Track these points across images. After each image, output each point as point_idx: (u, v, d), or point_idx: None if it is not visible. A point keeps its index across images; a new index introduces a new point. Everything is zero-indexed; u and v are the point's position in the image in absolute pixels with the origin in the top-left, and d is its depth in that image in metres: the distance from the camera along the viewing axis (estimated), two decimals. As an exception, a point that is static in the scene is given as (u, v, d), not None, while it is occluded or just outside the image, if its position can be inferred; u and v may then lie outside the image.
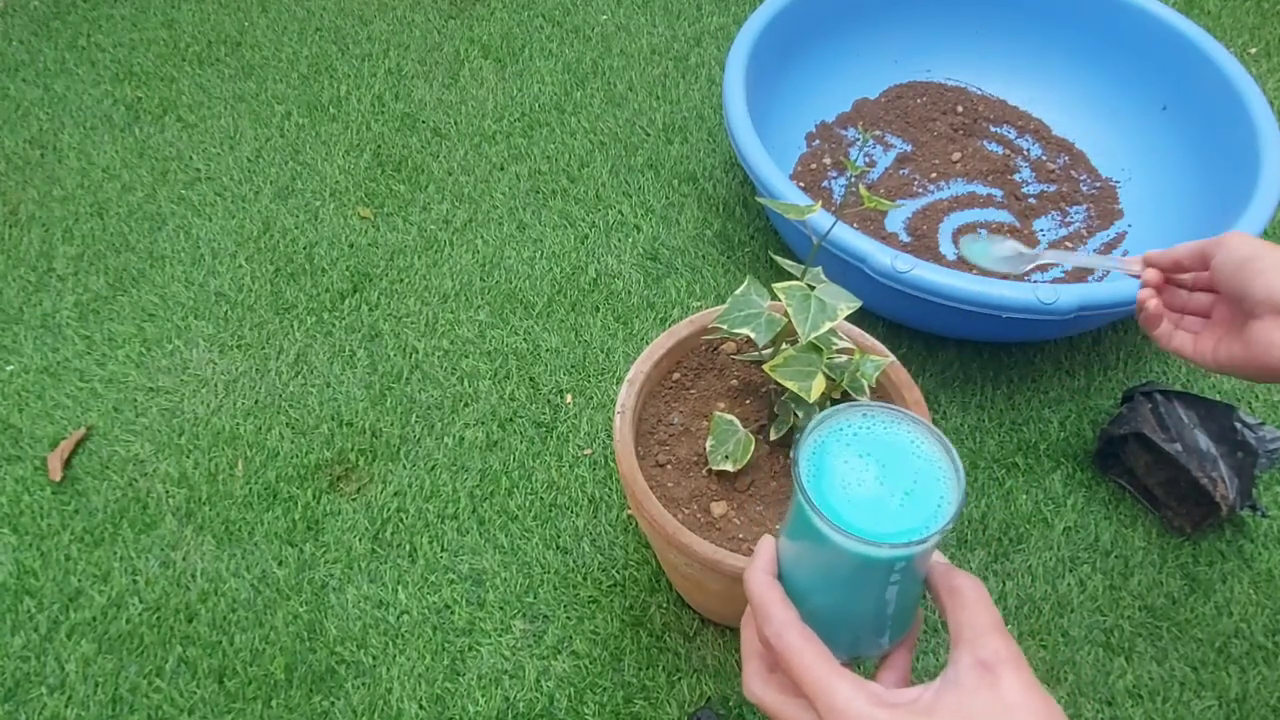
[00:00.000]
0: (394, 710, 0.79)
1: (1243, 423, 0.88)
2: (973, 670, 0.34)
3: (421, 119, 1.27)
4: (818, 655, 0.35)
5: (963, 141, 1.21)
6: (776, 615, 0.37)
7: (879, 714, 0.33)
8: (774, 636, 0.36)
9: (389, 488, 0.92)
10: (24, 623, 0.84)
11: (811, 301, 0.60)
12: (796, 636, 0.36)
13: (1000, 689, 0.34)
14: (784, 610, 0.37)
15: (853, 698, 0.34)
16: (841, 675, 0.34)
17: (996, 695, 0.33)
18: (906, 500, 0.36)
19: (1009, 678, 0.34)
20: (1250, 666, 0.82)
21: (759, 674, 0.39)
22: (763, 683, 0.38)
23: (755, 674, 0.39)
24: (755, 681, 0.38)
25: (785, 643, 0.36)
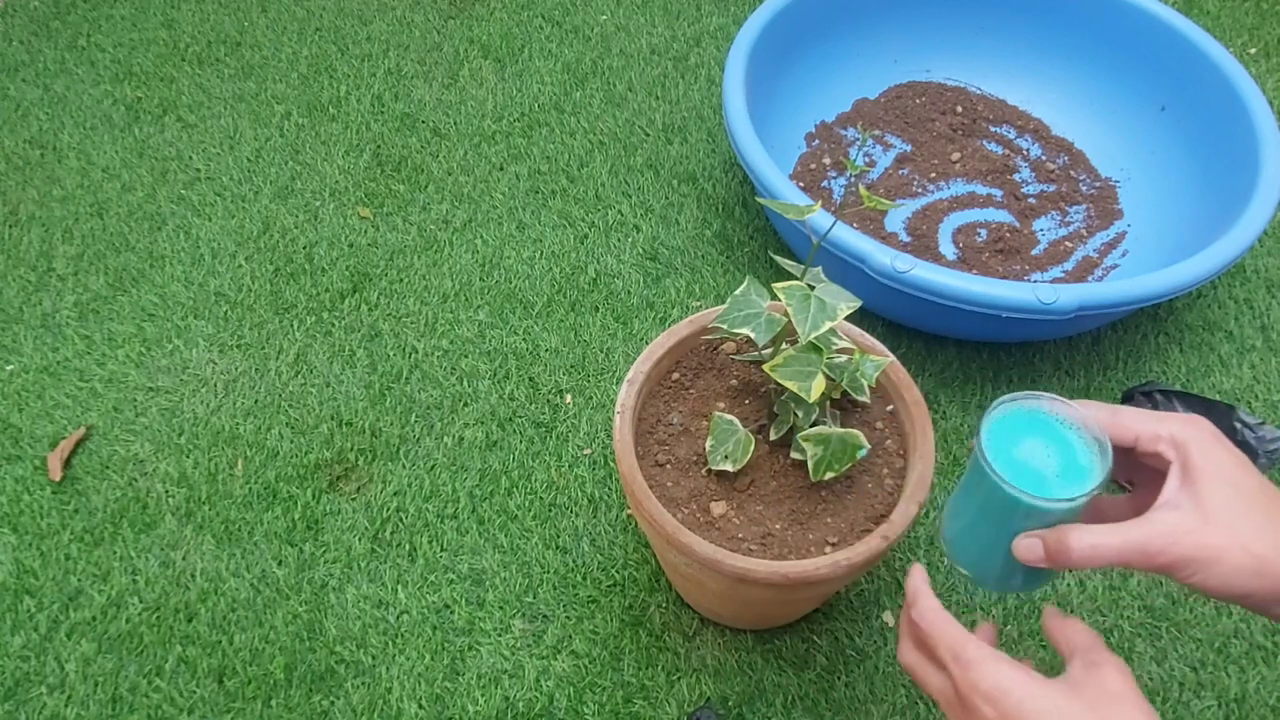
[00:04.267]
0: (394, 710, 0.79)
1: (1243, 422, 0.88)
2: (1081, 669, 0.44)
3: (421, 119, 1.27)
4: (951, 624, 0.46)
5: (962, 141, 1.22)
6: (923, 600, 0.48)
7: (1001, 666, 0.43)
8: (919, 616, 0.48)
9: (388, 487, 0.92)
10: (24, 622, 0.84)
11: (811, 301, 0.60)
12: (938, 615, 0.47)
13: (1105, 682, 0.43)
14: (929, 598, 0.48)
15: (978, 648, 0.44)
16: (968, 636, 0.45)
17: (1102, 687, 0.43)
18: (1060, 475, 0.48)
19: (1112, 675, 0.44)
20: (1250, 666, 0.82)
21: (909, 647, 0.49)
22: (911, 651, 0.49)
23: (906, 647, 0.49)
24: (906, 652, 0.49)
25: (929, 619, 0.47)
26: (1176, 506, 0.45)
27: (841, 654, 0.82)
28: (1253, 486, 0.45)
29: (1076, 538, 0.45)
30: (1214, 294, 1.08)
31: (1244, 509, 0.44)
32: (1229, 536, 0.43)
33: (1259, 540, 0.43)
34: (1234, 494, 0.45)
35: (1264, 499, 0.45)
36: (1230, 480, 0.45)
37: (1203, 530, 0.44)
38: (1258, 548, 0.43)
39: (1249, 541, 0.43)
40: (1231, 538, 0.43)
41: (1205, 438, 0.47)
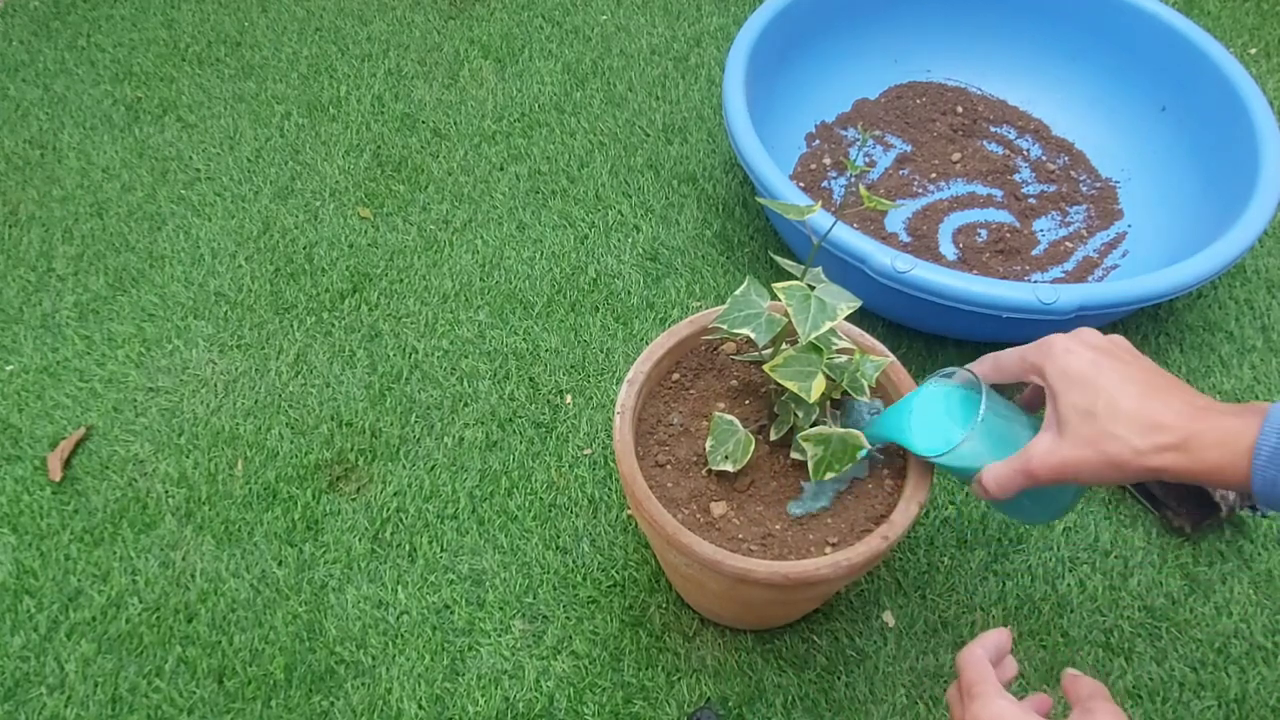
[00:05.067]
0: (393, 710, 0.79)
1: (1242, 423, 0.88)
2: (1078, 714, 0.48)
3: (421, 119, 1.27)
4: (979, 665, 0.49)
5: (963, 142, 1.22)
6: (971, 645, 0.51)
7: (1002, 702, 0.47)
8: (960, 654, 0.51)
9: (388, 488, 0.92)
10: (23, 622, 0.84)
11: (811, 301, 0.60)
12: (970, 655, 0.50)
13: None
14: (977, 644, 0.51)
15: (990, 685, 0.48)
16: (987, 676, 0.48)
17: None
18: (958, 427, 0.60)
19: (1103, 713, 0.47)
20: (1250, 667, 0.82)
21: (954, 685, 0.52)
22: (953, 689, 0.52)
23: (952, 685, 0.52)
24: (951, 689, 0.52)
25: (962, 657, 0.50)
26: (1046, 429, 0.53)
27: (841, 654, 0.82)
28: (1114, 388, 0.50)
29: (986, 475, 0.56)
30: (1214, 294, 1.08)
31: (1100, 414, 0.49)
32: (1081, 446, 0.50)
33: (1113, 442, 0.49)
34: (1089, 401, 0.50)
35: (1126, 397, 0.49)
36: (1086, 387, 0.51)
37: (1058, 446, 0.51)
38: (1110, 448, 0.49)
39: (1104, 445, 0.49)
40: (1083, 447, 0.50)
41: (1057, 354, 0.53)
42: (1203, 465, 0.47)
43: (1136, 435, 0.48)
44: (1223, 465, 0.46)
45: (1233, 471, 0.46)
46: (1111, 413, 0.49)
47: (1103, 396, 0.49)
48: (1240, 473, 0.46)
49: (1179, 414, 0.48)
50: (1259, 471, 0.45)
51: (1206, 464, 0.47)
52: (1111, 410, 0.49)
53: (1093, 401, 0.50)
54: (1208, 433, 0.47)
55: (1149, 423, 0.48)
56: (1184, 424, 0.47)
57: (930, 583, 0.86)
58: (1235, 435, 0.46)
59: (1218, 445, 0.46)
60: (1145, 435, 0.48)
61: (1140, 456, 0.48)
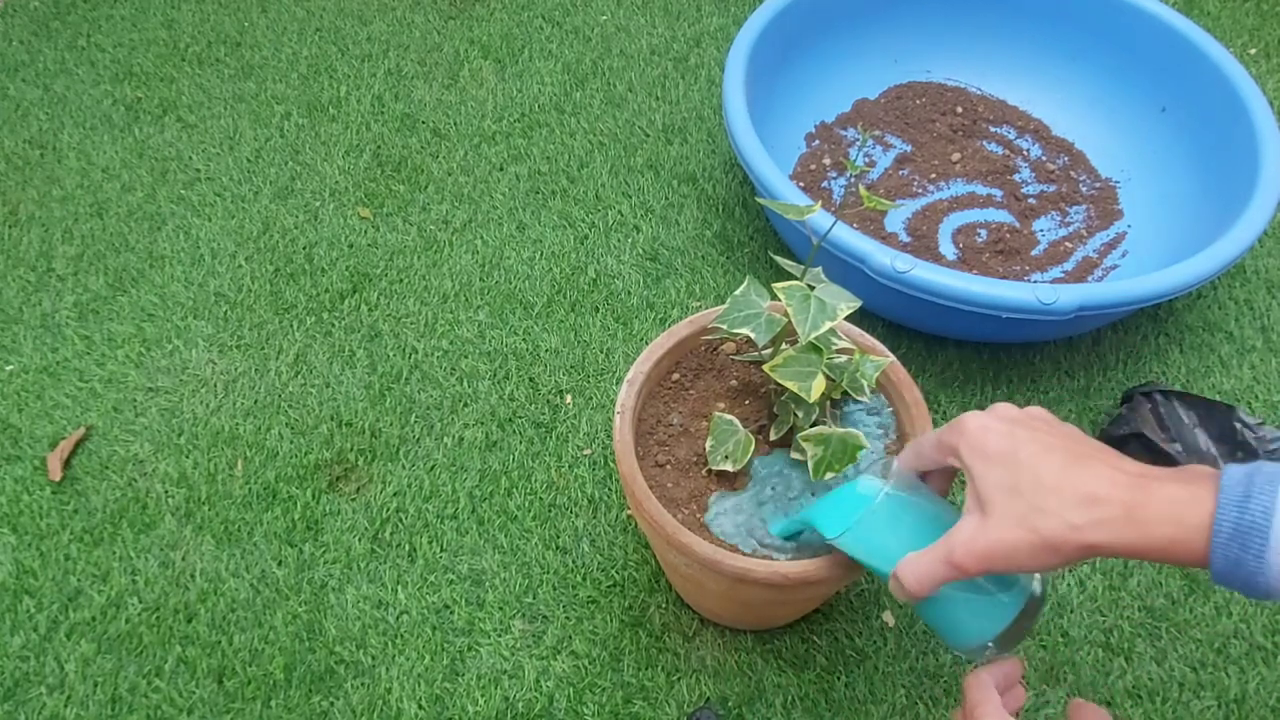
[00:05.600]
0: (393, 710, 0.79)
1: (1243, 423, 0.88)
2: None
3: (421, 119, 1.27)
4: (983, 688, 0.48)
5: (963, 142, 1.22)
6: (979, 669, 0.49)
7: None
8: (967, 676, 0.49)
9: (388, 488, 0.92)
10: (23, 622, 0.84)
11: (811, 301, 0.60)
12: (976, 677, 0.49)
13: None
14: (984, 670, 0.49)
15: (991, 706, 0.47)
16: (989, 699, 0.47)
17: None
18: None
19: None
20: (1250, 667, 0.82)
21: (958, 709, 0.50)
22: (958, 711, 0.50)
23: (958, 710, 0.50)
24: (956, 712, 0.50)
25: (968, 679, 0.49)
26: (968, 513, 0.47)
27: (841, 654, 0.82)
28: (1036, 459, 0.45)
29: (903, 569, 0.50)
30: (1214, 294, 1.08)
31: (1025, 490, 0.44)
32: (1010, 526, 0.44)
33: (1046, 519, 0.43)
34: (1012, 478, 0.45)
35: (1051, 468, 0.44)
36: (1006, 463, 0.46)
37: (985, 528, 0.45)
38: (1042, 525, 0.43)
39: (1036, 523, 0.43)
40: (1012, 527, 0.44)
41: (972, 433, 0.48)
42: (1151, 542, 0.41)
43: (1070, 509, 0.43)
44: (1175, 541, 0.41)
45: (1186, 549, 0.41)
46: (1037, 487, 0.44)
47: (1026, 471, 0.44)
48: (1196, 551, 0.40)
49: (1112, 482, 0.43)
50: (1219, 550, 0.39)
51: (1156, 540, 0.41)
52: (1036, 484, 0.44)
53: (1015, 478, 0.44)
54: (1151, 504, 0.42)
55: (1082, 495, 0.43)
56: (1120, 494, 0.42)
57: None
58: (1186, 508, 0.41)
59: (1167, 520, 0.41)
60: (1080, 509, 0.43)
61: (1077, 532, 0.42)
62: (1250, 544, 0.39)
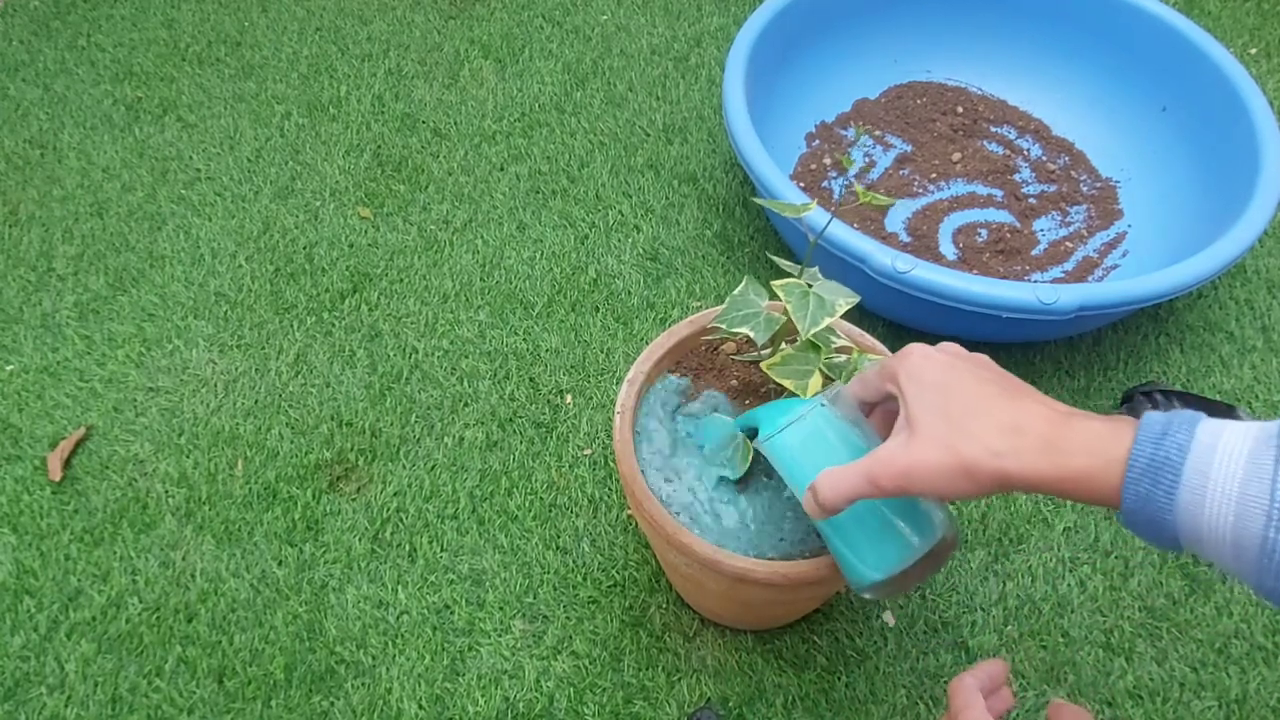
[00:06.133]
0: (393, 710, 0.79)
1: (1243, 423, 0.87)
2: None
3: (421, 119, 1.27)
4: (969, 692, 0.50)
5: (963, 142, 1.21)
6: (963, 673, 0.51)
7: None
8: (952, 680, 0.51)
9: (389, 488, 0.92)
10: (24, 622, 0.84)
11: (810, 298, 0.60)
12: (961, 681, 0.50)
13: None
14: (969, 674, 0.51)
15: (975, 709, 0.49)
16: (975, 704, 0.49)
17: None
18: None
19: None
20: (1250, 667, 0.82)
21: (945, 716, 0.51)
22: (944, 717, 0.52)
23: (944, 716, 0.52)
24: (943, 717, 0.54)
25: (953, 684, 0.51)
26: (896, 433, 0.47)
27: (841, 654, 0.82)
28: (969, 389, 0.45)
29: (821, 481, 0.49)
30: (1214, 294, 1.08)
31: (954, 414, 0.44)
32: (932, 446, 0.44)
33: (968, 442, 0.43)
34: (943, 402, 0.45)
35: (982, 398, 0.45)
36: (940, 390, 0.46)
37: (908, 447, 0.45)
38: (963, 447, 0.43)
39: (958, 445, 0.43)
40: (935, 446, 0.44)
41: (914, 362, 0.48)
42: (1066, 472, 0.41)
43: (994, 436, 0.43)
44: (1091, 473, 0.41)
45: (1101, 481, 0.41)
46: (966, 412, 0.44)
47: (957, 398, 0.45)
48: (1110, 484, 0.40)
49: (1038, 416, 0.43)
50: (1131, 485, 0.39)
51: (1071, 470, 0.41)
52: (966, 410, 0.44)
53: (946, 403, 0.45)
54: (1073, 437, 0.42)
55: (1008, 424, 0.43)
56: (1047, 428, 0.43)
57: (930, 583, 0.86)
58: (1105, 442, 0.41)
59: (1085, 452, 0.41)
60: (1004, 436, 0.43)
61: (997, 458, 0.42)
62: (1161, 479, 0.39)
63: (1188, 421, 0.40)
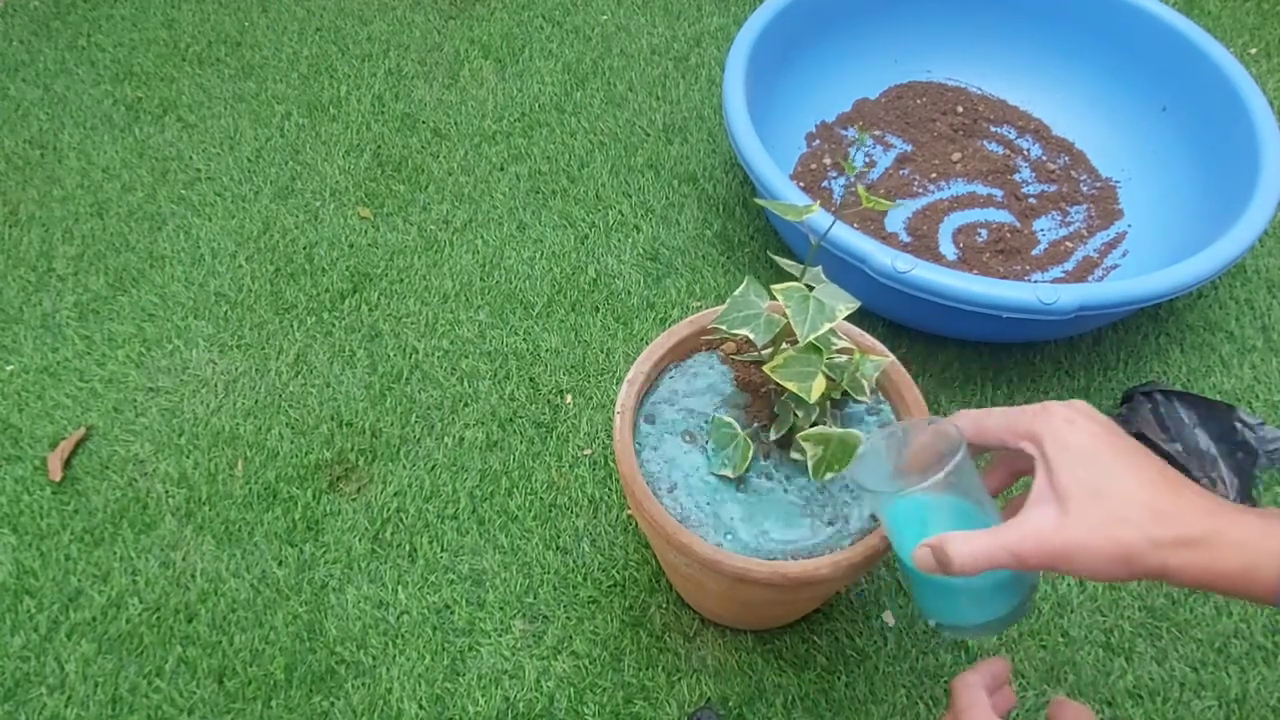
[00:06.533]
0: (394, 710, 0.79)
1: (1243, 422, 0.88)
2: None
3: (421, 119, 1.27)
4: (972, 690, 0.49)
5: (963, 141, 1.21)
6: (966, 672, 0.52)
7: None
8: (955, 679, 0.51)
9: (389, 488, 0.92)
10: (24, 623, 0.84)
11: (810, 302, 0.60)
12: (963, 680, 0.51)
13: None
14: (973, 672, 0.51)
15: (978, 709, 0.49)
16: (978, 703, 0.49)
17: None
18: None
19: None
20: (1250, 667, 0.82)
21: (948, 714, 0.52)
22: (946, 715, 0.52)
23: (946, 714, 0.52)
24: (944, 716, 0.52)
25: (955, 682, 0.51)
26: (1040, 503, 0.45)
27: (841, 654, 0.82)
28: (1124, 468, 0.44)
29: (954, 545, 0.46)
30: (1215, 294, 1.08)
31: (1112, 495, 0.43)
32: (1090, 528, 0.43)
33: (1128, 529, 0.42)
34: (1096, 480, 0.44)
35: (1140, 483, 0.43)
36: (1092, 463, 0.44)
37: (1062, 525, 0.43)
38: (1124, 535, 0.42)
39: (1118, 533, 0.42)
40: (1093, 529, 0.43)
41: (1057, 425, 0.46)
42: (1223, 566, 0.41)
43: (1153, 524, 0.42)
44: (1246, 568, 0.40)
45: (1259, 578, 0.40)
46: (1123, 496, 0.43)
47: (1109, 476, 0.43)
48: (1267, 581, 0.40)
49: (1196, 508, 0.42)
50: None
51: (1227, 566, 0.41)
52: (1122, 493, 0.43)
53: (1099, 480, 0.43)
54: (1229, 531, 0.41)
55: (1166, 513, 0.42)
56: (1203, 519, 0.41)
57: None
58: (1260, 536, 0.40)
59: (1240, 546, 0.40)
60: (1163, 526, 0.41)
61: (1157, 550, 0.41)
62: None
63: None
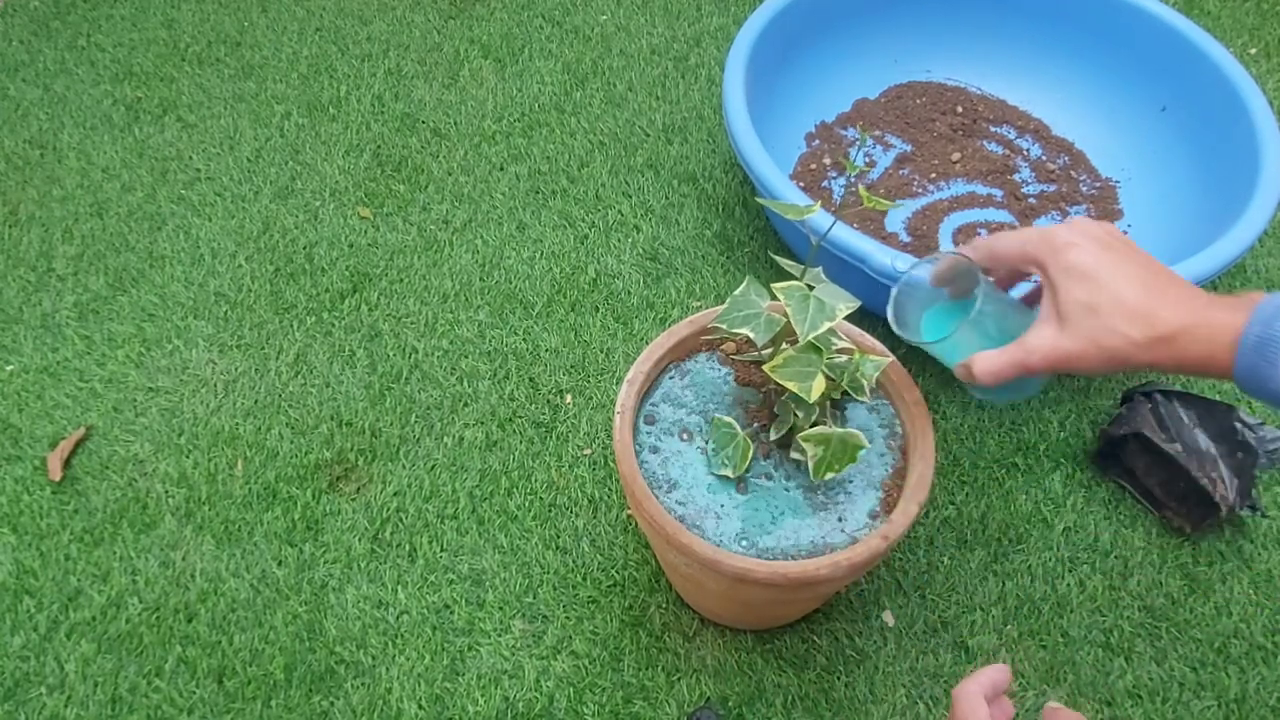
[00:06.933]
0: (393, 710, 0.79)
1: (1242, 423, 0.88)
2: None
3: (421, 119, 1.27)
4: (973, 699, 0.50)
5: (963, 141, 1.21)
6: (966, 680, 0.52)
7: None
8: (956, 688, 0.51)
9: (388, 488, 0.92)
10: (24, 622, 0.84)
11: (810, 302, 0.60)
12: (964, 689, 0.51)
13: None
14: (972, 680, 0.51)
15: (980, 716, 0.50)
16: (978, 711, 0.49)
17: None
18: None
19: None
20: (1250, 667, 0.82)
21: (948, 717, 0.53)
22: None
23: None
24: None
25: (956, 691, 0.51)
26: (1045, 322, 0.53)
27: (841, 654, 0.82)
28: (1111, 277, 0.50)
29: (979, 365, 0.55)
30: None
31: (1103, 310, 0.50)
32: (1085, 342, 0.50)
33: (1113, 337, 0.49)
34: (1092, 297, 0.50)
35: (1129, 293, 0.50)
36: (1087, 282, 0.51)
37: (1059, 339, 0.51)
38: (1111, 343, 0.49)
39: (1103, 340, 0.50)
40: (1087, 342, 0.50)
41: (1060, 249, 0.52)
42: (1189, 356, 0.48)
43: (1136, 329, 0.49)
44: (1206, 357, 0.48)
45: (1216, 363, 0.47)
46: (1115, 307, 0.50)
47: (1106, 292, 0.50)
48: (1223, 364, 0.47)
49: (1177, 308, 0.49)
50: (1241, 358, 0.46)
51: (1192, 355, 0.48)
52: (1115, 305, 0.50)
53: (1096, 297, 0.50)
54: (1200, 328, 0.48)
55: (1148, 316, 0.49)
56: (1180, 318, 0.48)
57: (930, 583, 0.86)
58: (1223, 328, 0.47)
59: (1206, 340, 0.47)
60: (1144, 328, 0.49)
61: (1139, 350, 0.49)
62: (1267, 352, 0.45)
63: None
